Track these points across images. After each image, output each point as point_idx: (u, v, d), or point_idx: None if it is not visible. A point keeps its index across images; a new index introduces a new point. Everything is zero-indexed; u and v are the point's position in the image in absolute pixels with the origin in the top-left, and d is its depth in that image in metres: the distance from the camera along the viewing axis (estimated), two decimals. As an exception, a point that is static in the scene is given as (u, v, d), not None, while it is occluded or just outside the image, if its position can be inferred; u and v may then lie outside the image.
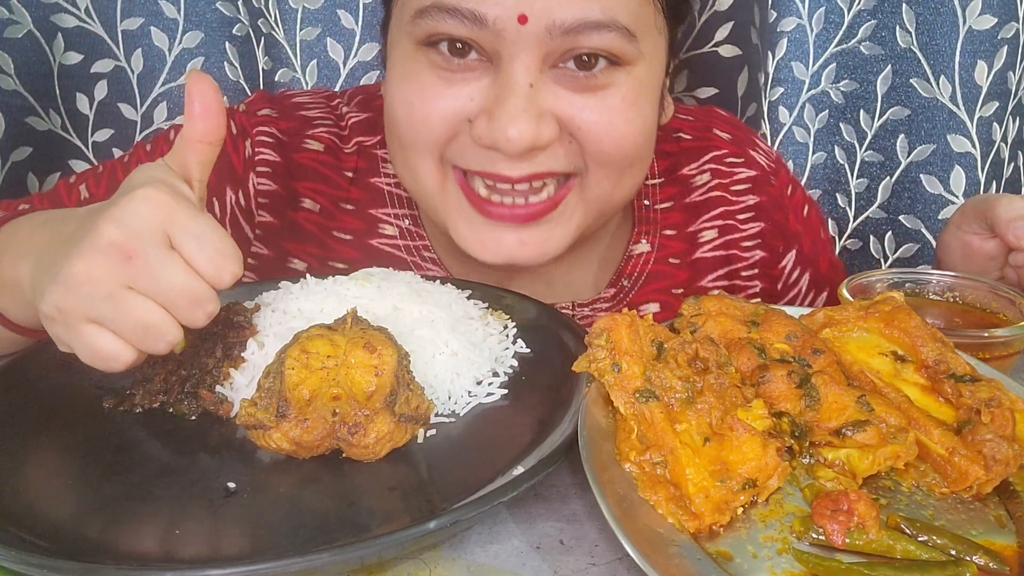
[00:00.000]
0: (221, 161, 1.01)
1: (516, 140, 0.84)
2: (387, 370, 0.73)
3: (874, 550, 0.63)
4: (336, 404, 0.71)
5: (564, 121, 0.88)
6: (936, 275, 1.03)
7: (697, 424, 0.68)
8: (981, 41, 1.46)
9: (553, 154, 0.89)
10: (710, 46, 1.58)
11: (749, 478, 0.65)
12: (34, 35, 1.42)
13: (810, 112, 1.58)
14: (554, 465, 0.68)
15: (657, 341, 0.74)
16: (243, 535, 0.64)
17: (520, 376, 0.85)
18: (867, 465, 0.69)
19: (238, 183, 1.05)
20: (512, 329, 0.91)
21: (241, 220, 1.06)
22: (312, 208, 1.07)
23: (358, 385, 0.72)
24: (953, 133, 1.51)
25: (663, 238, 1.12)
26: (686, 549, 0.60)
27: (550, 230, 0.93)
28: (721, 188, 1.14)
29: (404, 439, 0.73)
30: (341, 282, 0.89)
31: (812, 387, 0.73)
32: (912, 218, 1.57)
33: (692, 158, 1.15)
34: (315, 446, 0.71)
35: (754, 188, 1.15)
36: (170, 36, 1.46)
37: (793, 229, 1.18)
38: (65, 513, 0.66)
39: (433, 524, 0.62)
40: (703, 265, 1.14)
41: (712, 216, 1.13)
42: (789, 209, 1.18)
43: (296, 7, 1.50)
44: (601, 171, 0.91)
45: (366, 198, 1.08)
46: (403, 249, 1.08)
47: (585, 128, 0.88)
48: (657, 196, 1.13)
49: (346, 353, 0.73)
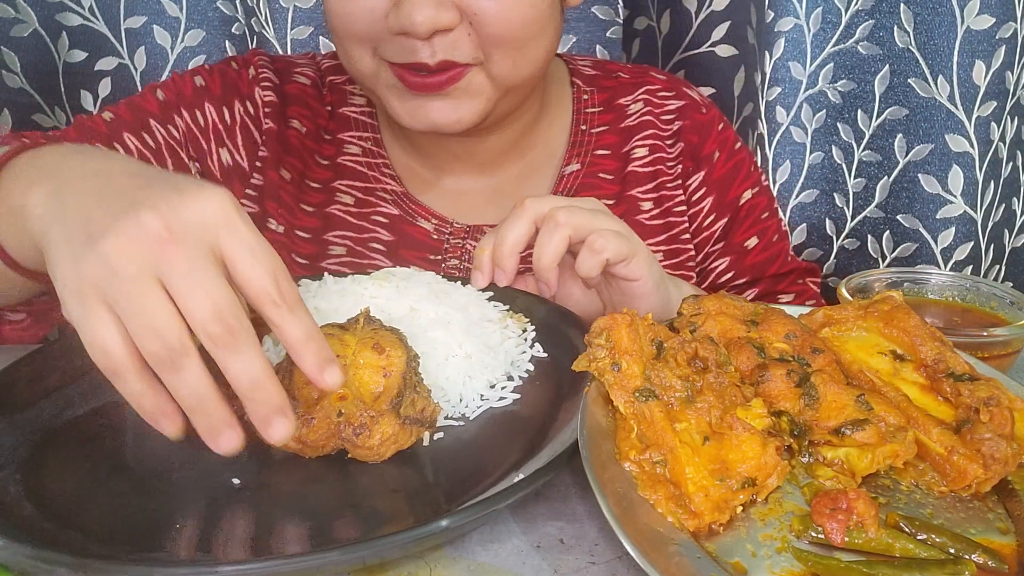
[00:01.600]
0: (226, 81, 1.17)
1: (420, 23, 0.96)
2: (395, 371, 0.73)
3: (873, 549, 0.64)
4: (342, 404, 0.71)
5: (462, 8, 0.99)
6: (935, 274, 1.04)
7: (697, 423, 0.69)
8: (979, 41, 1.46)
9: (455, 44, 1.00)
10: (706, 46, 1.58)
11: (748, 477, 0.66)
12: (39, 34, 1.42)
13: (807, 112, 1.59)
14: (556, 470, 0.69)
15: (657, 340, 0.74)
16: (245, 532, 0.64)
17: (534, 380, 0.84)
18: (866, 464, 0.70)
19: (244, 97, 1.18)
20: (531, 333, 0.91)
21: (250, 125, 1.18)
22: (299, 128, 1.21)
23: (366, 386, 0.73)
24: (951, 133, 1.51)
25: (595, 157, 1.25)
26: (686, 548, 0.61)
27: (462, 101, 1.05)
28: (652, 115, 1.27)
29: (409, 442, 0.73)
30: (360, 281, 0.89)
31: (811, 386, 0.73)
32: (910, 218, 1.57)
33: (628, 91, 1.28)
34: (320, 445, 0.72)
35: (680, 116, 1.26)
36: (172, 34, 1.47)
37: (707, 153, 1.26)
38: (66, 506, 0.66)
39: (431, 527, 0.62)
40: (633, 178, 1.25)
41: (643, 136, 1.26)
42: (710, 137, 1.27)
43: (287, 6, 1.51)
44: (498, 52, 1.02)
45: (337, 126, 1.23)
46: (364, 165, 1.21)
47: (480, 14, 0.99)
48: (594, 122, 1.26)
49: (355, 353, 0.73)
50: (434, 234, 1.19)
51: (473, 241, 1.19)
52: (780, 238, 1.33)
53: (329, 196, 1.19)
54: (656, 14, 1.63)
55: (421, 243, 1.18)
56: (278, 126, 1.18)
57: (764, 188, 1.32)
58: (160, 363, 0.60)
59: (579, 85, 1.28)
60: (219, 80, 1.17)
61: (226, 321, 0.60)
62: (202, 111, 1.15)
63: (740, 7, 1.54)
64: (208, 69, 1.19)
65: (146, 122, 1.12)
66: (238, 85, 1.18)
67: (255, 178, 1.18)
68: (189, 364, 0.60)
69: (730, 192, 1.28)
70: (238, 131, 1.17)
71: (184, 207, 0.61)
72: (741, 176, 1.29)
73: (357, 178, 1.20)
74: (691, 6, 1.56)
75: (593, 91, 1.28)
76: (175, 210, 0.61)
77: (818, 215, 1.66)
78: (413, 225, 1.19)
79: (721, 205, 1.27)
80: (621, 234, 0.94)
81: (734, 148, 1.30)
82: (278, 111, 1.18)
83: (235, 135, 1.17)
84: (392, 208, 1.19)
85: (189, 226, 0.61)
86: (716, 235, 1.28)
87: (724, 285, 1.30)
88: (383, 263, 1.17)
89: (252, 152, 1.17)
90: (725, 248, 1.29)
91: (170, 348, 0.59)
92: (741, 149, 1.31)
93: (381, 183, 1.21)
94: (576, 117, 1.26)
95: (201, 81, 1.17)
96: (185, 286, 0.60)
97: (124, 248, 0.60)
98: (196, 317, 0.60)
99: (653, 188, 1.25)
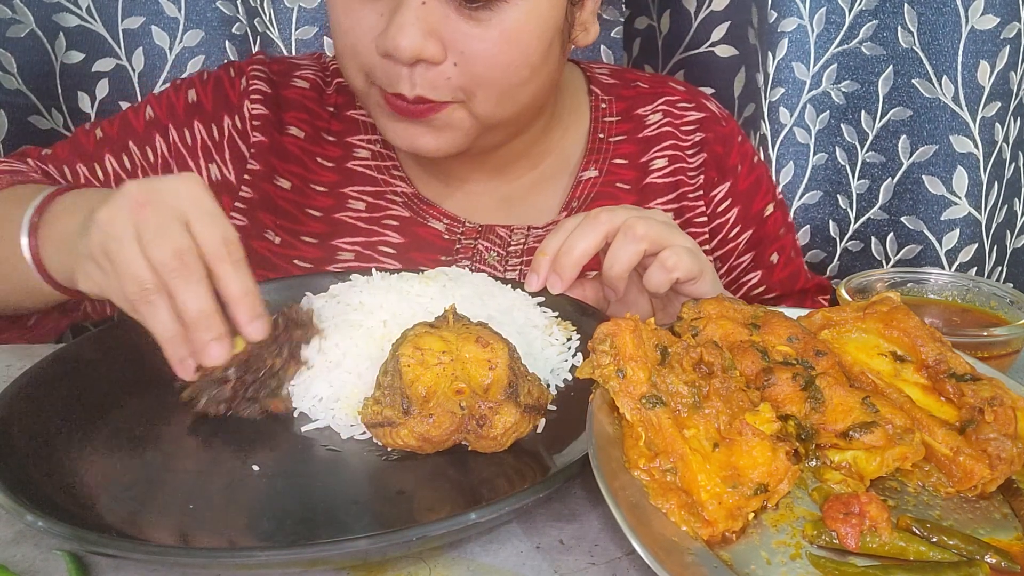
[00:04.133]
0: (219, 94, 1.18)
1: (403, 49, 0.95)
2: (501, 363, 0.75)
3: (887, 552, 0.63)
4: (461, 398, 0.72)
5: (448, 44, 0.98)
6: (934, 274, 1.03)
7: (705, 429, 0.68)
8: (983, 41, 1.46)
9: (434, 83, 1.00)
10: (706, 46, 1.58)
11: (760, 483, 0.65)
12: (36, 34, 1.42)
13: (811, 113, 1.58)
14: (567, 479, 0.69)
15: (660, 346, 0.73)
16: (257, 518, 0.68)
17: (570, 392, 0.84)
18: (875, 467, 0.69)
19: (234, 110, 1.18)
20: (575, 341, 0.91)
21: (238, 140, 1.18)
22: (297, 134, 1.20)
23: (475, 379, 0.74)
24: (955, 134, 1.51)
25: (613, 166, 1.23)
26: (701, 557, 0.60)
27: (443, 131, 1.06)
28: (672, 126, 1.25)
29: (527, 429, 0.75)
30: (407, 279, 0.92)
31: (816, 389, 0.73)
32: (914, 219, 1.57)
33: (647, 101, 1.27)
34: (442, 441, 0.72)
35: (701, 127, 1.25)
36: (171, 35, 1.46)
37: (732, 164, 1.26)
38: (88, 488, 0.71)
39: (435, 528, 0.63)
40: (652, 190, 1.23)
41: (662, 147, 1.24)
42: (733, 149, 1.26)
43: (291, 6, 1.50)
44: (481, 92, 1.02)
45: (343, 129, 1.22)
46: (374, 168, 1.21)
47: (467, 54, 0.99)
48: (612, 131, 1.25)
49: (458, 348, 0.75)
50: (445, 234, 1.18)
51: (485, 241, 1.18)
52: (796, 254, 1.34)
53: (339, 202, 1.19)
54: (656, 14, 1.62)
55: (432, 244, 1.18)
56: (270, 137, 1.18)
57: (780, 202, 1.32)
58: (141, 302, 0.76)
59: (597, 94, 1.26)
60: (212, 93, 1.18)
61: (183, 258, 0.75)
62: (191, 129, 1.16)
63: (740, 7, 1.54)
64: (203, 80, 1.19)
65: (126, 144, 1.16)
66: (229, 97, 1.18)
67: (244, 191, 1.17)
68: (159, 301, 0.76)
69: (754, 205, 1.27)
70: (226, 145, 1.17)
71: (159, 183, 0.80)
72: (763, 190, 1.29)
73: (367, 183, 1.19)
74: (690, 6, 1.56)
75: (612, 100, 1.26)
76: (152, 184, 0.79)
77: (822, 217, 1.65)
78: (424, 226, 1.18)
79: (746, 217, 1.27)
80: (692, 252, 0.95)
81: (754, 161, 1.29)
82: (270, 122, 1.18)
83: (223, 150, 1.17)
84: (403, 210, 1.19)
85: (162, 195, 0.78)
86: (741, 247, 1.27)
87: (758, 298, 1.29)
88: (392, 266, 1.16)
89: (239, 166, 1.17)
90: (755, 262, 1.29)
91: (144, 288, 0.75)
92: (760, 163, 1.31)
93: (391, 185, 1.20)
94: (594, 125, 1.25)
95: (194, 96, 1.18)
96: (151, 236, 0.76)
97: (110, 213, 0.77)
98: (158, 258, 0.75)
99: (673, 199, 1.24)
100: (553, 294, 0.96)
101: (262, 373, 0.80)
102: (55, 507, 0.66)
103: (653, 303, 1.04)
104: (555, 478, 0.68)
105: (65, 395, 0.82)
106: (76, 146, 1.18)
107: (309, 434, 0.78)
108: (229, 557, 0.63)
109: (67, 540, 0.63)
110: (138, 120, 1.17)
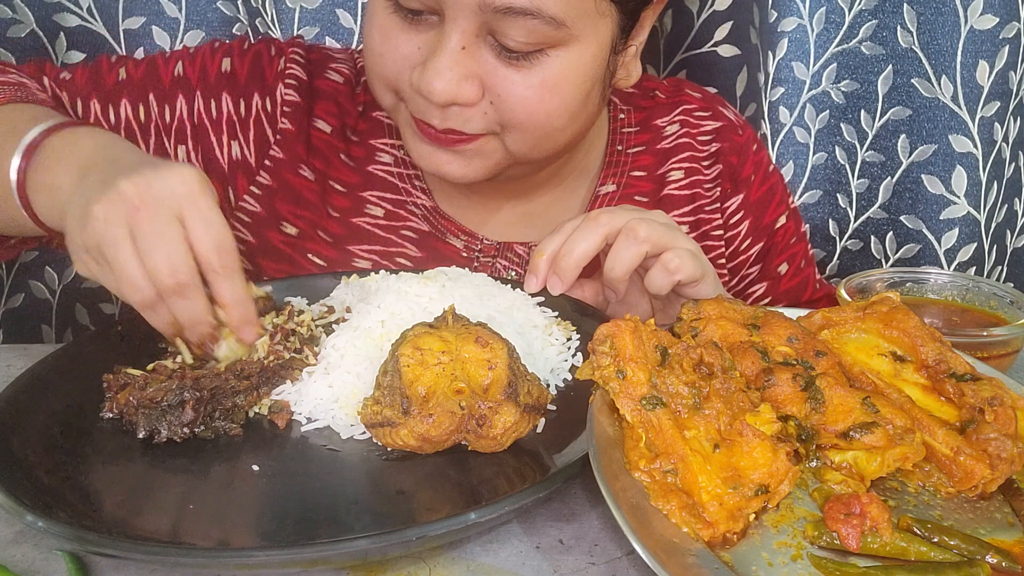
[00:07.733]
0: (255, 70, 1.15)
1: (437, 93, 0.94)
2: (500, 363, 0.75)
3: (888, 553, 0.63)
4: (461, 398, 0.73)
5: (487, 87, 0.96)
6: (934, 274, 1.03)
7: (706, 430, 0.68)
8: (983, 41, 1.46)
9: (467, 119, 0.98)
10: (709, 46, 1.57)
11: (761, 484, 0.65)
12: (37, 34, 1.41)
13: (811, 112, 1.58)
14: (567, 479, 0.69)
15: (660, 347, 0.73)
16: (257, 518, 0.68)
17: (570, 392, 0.84)
18: (876, 467, 0.69)
19: (267, 91, 1.15)
20: (575, 341, 0.91)
21: (265, 123, 1.15)
22: (324, 128, 1.17)
23: (474, 379, 0.74)
24: (954, 133, 1.51)
25: (631, 178, 1.22)
26: (703, 558, 0.60)
27: (472, 160, 1.04)
28: (689, 136, 1.24)
29: (527, 429, 0.75)
30: (405, 279, 0.92)
31: (816, 390, 0.73)
32: (913, 218, 1.57)
33: (665, 112, 1.25)
34: (442, 441, 0.73)
35: (717, 137, 1.24)
36: (171, 35, 1.46)
37: (745, 175, 1.24)
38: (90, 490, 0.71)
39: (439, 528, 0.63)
40: (669, 202, 1.22)
41: (680, 159, 1.23)
42: (748, 159, 1.25)
43: (293, 7, 1.50)
44: (516, 134, 1.00)
45: (369, 129, 1.19)
46: (396, 176, 1.19)
47: (504, 97, 0.97)
48: (630, 142, 1.24)
49: (458, 348, 0.75)
50: (463, 251, 1.17)
51: (503, 260, 1.17)
52: (807, 263, 1.33)
53: (357, 205, 1.17)
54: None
55: (450, 260, 1.15)
56: (297, 127, 1.15)
57: (793, 211, 1.31)
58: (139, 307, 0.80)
59: (616, 103, 1.25)
60: (249, 66, 1.15)
61: (177, 277, 0.78)
62: (218, 100, 1.13)
63: (742, 7, 1.54)
64: (243, 49, 1.16)
65: (146, 96, 1.13)
66: (265, 75, 1.16)
67: (262, 177, 1.15)
68: (157, 307, 0.80)
69: (766, 216, 1.26)
70: (252, 125, 1.15)
71: (156, 179, 0.79)
72: (776, 200, 1.28)
73: (388, 189, 1.17)
74: (693, 6, 1.56)
75: (630, 110, 1.25)
76: (148, 182, 0.78)
77: (821, 216, 1.65)
78: (443, 242, 1.17)
79: (757, 229, 1.26)
80: (694, 254, 0.95)
81: (768, 170, 1.28)
82: (301, 110, 1.15)
83: (248, 129, 1.14)
84: (422, 223, 1.17)
85: (157, 196, 0.78)
86: (751, 259, 1.27)
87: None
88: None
89: (262, 149, 1.15)
90: (762, 274, 1.28)
91: (144, 296, 0.79)
92: (774, 172, 1.30)
93: (412, 196, 1.18)
94: (612, 137, 1.23)
95: (228, 65, 1.15)
96: (147, 244, 0.77)
97: (105, 211, 0.78)
98: (154, 269, 0.77)
99: (691, 211, 1.23)
100: (553, 295, 0.96)
101: (221, 394, 0.80)
102: (55, 507, 0.66)
103: (653, 304, 1.03)
104: (555, 478, 0.68)
105: (65, 395, 0.82)
106: (96, 78, 1.14)
107: (309, 434, 0.79)
108: (229, 557, 0.63)
109: (67, 540, 0.63)
110: (167, 72, 1.14)
